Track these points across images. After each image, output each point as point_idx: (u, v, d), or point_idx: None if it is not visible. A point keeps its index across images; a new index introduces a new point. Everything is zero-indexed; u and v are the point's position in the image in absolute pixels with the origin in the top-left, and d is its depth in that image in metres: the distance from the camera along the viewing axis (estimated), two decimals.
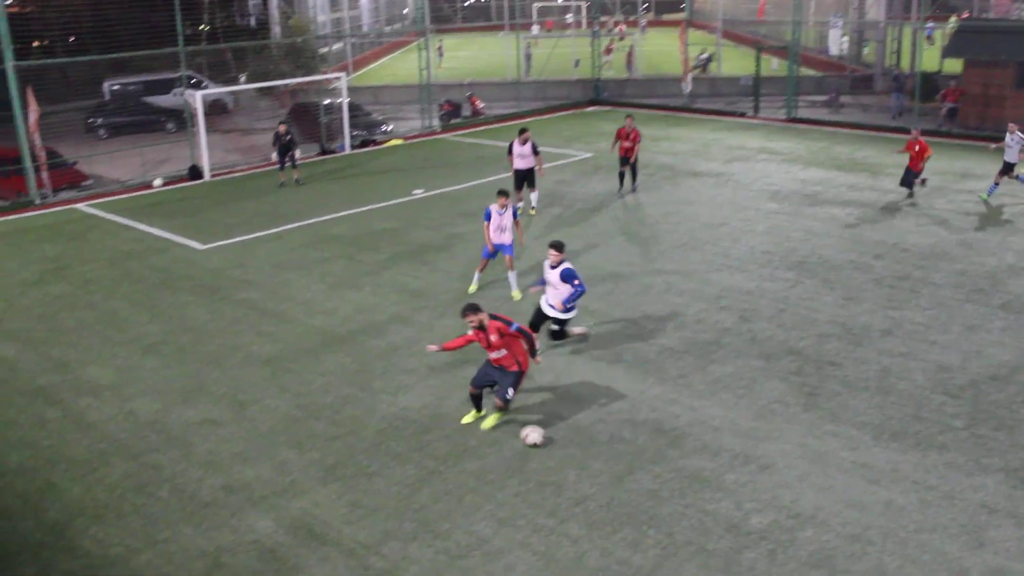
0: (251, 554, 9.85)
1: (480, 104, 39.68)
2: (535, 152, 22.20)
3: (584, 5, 69.64)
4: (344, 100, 32.38)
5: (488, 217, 16.72)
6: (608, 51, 49.76)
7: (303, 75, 37.93)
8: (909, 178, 23.13)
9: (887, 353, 14.20)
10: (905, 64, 40.66)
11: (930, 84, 35.31)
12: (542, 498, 10.67)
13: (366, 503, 10.69)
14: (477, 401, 12.43)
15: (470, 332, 12.06)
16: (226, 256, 20.26)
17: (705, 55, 46.99)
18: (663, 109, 39.11)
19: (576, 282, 13.64)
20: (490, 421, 12.27)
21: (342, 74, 34.21)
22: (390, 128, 35.46)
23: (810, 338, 14.82)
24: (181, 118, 32.91)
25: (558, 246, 13.83)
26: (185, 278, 18.84)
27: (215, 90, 36.79)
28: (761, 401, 12.80)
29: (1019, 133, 22.60)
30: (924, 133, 31.15)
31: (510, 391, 12.02)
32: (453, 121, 37.65)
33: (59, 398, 13.71)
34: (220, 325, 16.23)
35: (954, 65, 35.08)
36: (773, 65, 44.92)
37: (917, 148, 22.73)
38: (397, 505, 10.62)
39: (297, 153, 27.08)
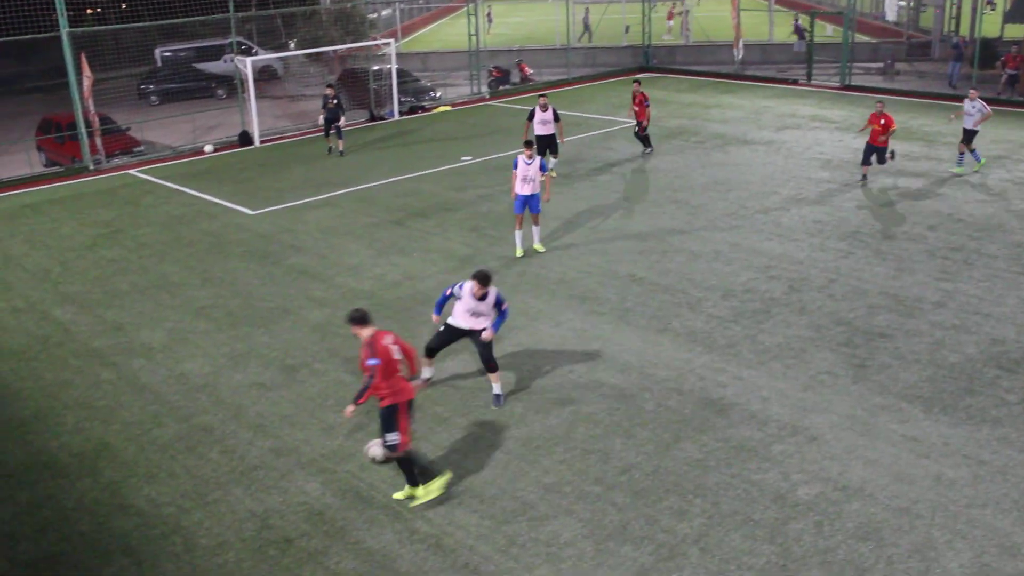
0: (299, 515, 10.00)
1: (529, 71, 39.45)
2: (556, 119, 22.31)
3: None
4: (393, 66, 32.37)
5: (516, 166, 17.00)
6: (670, 16, 49.21)
7: (352, 41, 37.98)
8: (869, 154, 21.39)
9: (939, 325, 13.98)
10: (964, 30, 39.69)
11: (990, 50, 34.41)
12: (588, 465, 10.69)
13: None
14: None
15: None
16: (276, 221, 20.44)
17: (798, 21, 45.84)
18: (714, 76, 38.62)
19: (505, 306, 11.95)
20: (400, 494, 10.19)
21: (391, 40, 34.20)
22: (439, 95, 35.41)
23: (861, 309, 14.63)
24: (231, 84, 33.14)
25: (482, 278, 11.63)
26: (236, 243, 19.04)
27: (265, 56, 36.98)
28: (810, 372, 12.68)
29: (980, 100, 21.74)
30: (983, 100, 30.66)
31: (388, 436, 9.82)
32: (502, 88, 37.50)
33: (113, 360, 13.97)
34: (270, 290, 16.40)
35: (1016, 30, 34.18)
36: (827, 31, 44.09)
37: (882, 122, 20.85)
38: (443, 470, 10.69)
39: (343, 121, 26.88)
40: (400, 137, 29.24)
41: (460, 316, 12.05)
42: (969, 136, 22.03)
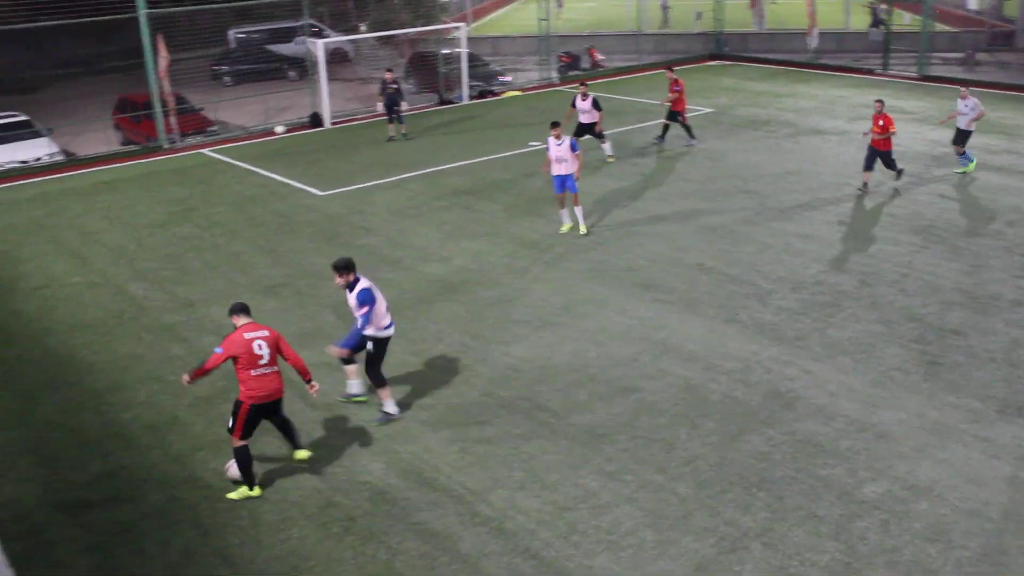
0: (363, 494, 10.11)
1: (599, 56, 39.19)
2: (597, 108, 22.53)
3: None
4: (463, 50, 32.40)
5: (549, 148, 17.48)
6: (753, 3, 48.52)
7: (423, 25, 38.07)
8: (871, 159, 19.61)
9: (1016, 324, 13.63)
10: None
11: None
12: (651, 455, 10.64)
13: (475, 451, 10.84)
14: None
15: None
16: (345, 203, 20.63)
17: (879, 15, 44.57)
18: (787, 64, 37.99)
19: (364, 311, 10.95)
20: (235, 494, 10.19)
21: (462, 24, 34.22)
22: (508, 79, 35.36)
23: (933, 305, 14.32)
24: (303, 66, 33.46)
25: (339, 267, 11.00)
26: (305, 224, 19.26)
27: (336, 39, 37.25)
28: (880, 367, 12.45)
29: (972, 98, 20.66)
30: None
31: (230, 421, 10.11)
32: (571, 73, 37.30)
33: (184, 336, 14.24)
34: None
35: None
36: (905, 19, 43.08)
37: (881, 123, 19.14)
38: (506, 454, 10.74)
39: (404, 106, 26.75)
40: (469, 121, 29.29)
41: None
42: (963, 137, 20.97)
